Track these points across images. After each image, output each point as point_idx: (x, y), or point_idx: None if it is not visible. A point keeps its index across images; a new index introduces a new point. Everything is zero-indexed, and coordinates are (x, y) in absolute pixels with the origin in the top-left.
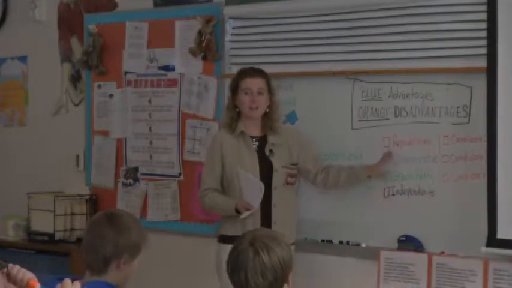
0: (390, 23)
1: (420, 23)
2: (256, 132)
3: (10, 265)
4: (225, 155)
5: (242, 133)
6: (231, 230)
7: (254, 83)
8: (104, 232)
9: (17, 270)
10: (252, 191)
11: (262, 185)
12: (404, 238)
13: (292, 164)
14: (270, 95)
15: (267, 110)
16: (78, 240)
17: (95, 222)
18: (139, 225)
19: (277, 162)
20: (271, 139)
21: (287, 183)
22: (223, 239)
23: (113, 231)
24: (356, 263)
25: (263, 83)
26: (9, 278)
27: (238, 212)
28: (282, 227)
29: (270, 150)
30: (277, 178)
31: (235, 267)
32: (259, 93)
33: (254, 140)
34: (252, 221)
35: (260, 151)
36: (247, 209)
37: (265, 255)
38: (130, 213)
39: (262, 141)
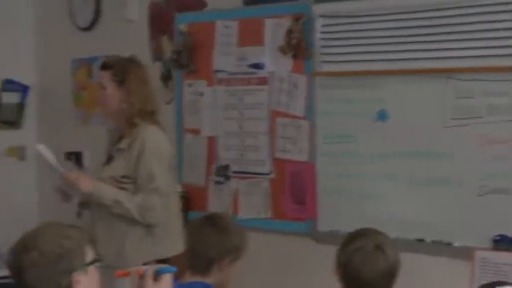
0: (485, 19)
1: None
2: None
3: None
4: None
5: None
6: None
7: (99, 79)
8: (207, 235)
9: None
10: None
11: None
12: (498, 237)
13: (123, 177)
14: (125, 87)
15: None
16: None
17: (197, 224)
18: (241, 229)
19: (108, 170)
20: (121, 142)
21: None
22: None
23: (217, 234)
24: (448, 263)
25: (105, 77)
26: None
27: None
28: (104, 248)
29: (111, 156)
30: None
31: (358, 268)
32: (102, 87)
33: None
34: None
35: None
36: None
37: (388, 256)
38: (231, 217)
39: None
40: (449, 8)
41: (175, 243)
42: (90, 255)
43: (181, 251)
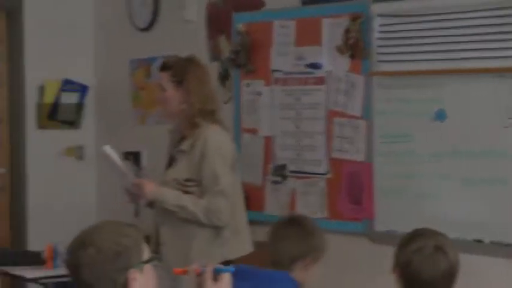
0: None
1: None
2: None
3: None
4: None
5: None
6: None
7: (158, 80)
8: (292, 233)
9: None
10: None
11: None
12: None
13: (187, 180)
14: (184, 87)
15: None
16: None
17: (282, 224)
18: (322, 231)
19: (171, 172)
20: (183, 144)
21: None
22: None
23: (301, 233)
24: (506, 264)
25: (164, 78)
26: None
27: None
28: (170, 250)
29: (173, 158)
30: None
31: (419, 269)
32: (161, 89)
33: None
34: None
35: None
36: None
37: (449, 256)
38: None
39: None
40: (506, 8)
41: (242, 244)
42: (146, 254)
43: (248, 251)
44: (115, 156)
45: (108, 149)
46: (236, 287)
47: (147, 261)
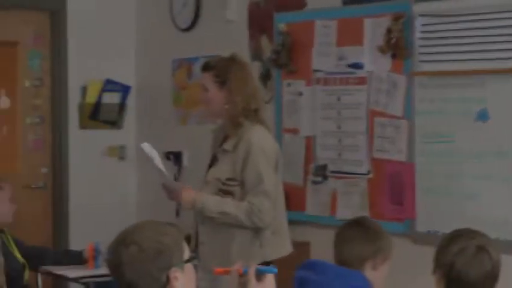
0: None
1: None
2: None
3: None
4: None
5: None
6: None
7: (201, 80)
8: (358, 235)
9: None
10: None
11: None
12: None
13: (229, 179)
14: (227, 87)
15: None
16: None
17: (347, 226)
18: (387, 231)
19: (213, 171)
20: (226, 143)
21: None
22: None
23: (370, 234)
24: None
25: (207, 78)
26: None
27: None
28: (209, 250)
29: (215, 157)
30: (206, 191)
31: (463, 270)
32: (204, 89)
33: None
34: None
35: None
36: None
37: (492, 256)
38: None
39: None
40: None
41: (282, 245)
42: (187, 253)
43: (288, 252)
44: (153, 153)
45: (146, 147)
46: (312, 280)
47: (188, 260)
